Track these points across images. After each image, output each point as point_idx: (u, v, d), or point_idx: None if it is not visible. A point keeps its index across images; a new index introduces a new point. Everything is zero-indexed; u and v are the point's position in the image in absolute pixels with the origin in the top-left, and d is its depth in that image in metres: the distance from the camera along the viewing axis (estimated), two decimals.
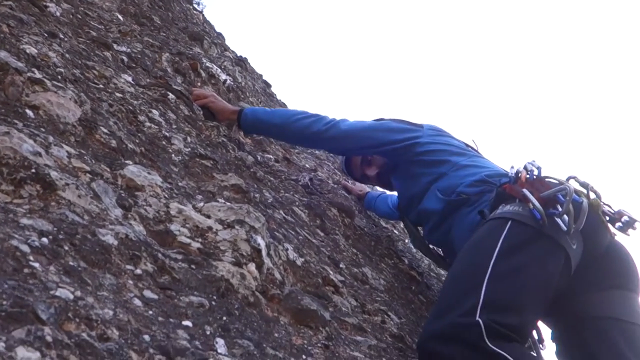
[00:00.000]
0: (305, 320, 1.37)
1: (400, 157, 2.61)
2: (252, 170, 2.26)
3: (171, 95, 2.19)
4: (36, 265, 0.83)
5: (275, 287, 1.41)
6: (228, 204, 1.50)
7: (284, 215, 2.00)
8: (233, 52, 5.22)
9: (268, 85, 5.75)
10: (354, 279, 2.02)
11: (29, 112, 1.26)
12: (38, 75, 1.38)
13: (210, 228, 1.35)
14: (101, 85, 1.77)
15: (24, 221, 0.91)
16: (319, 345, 1.32)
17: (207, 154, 1.90)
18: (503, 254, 1.76)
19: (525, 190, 1.89)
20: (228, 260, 1.28)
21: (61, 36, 1.91)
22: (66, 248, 0.93)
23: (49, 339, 0.70)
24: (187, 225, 1.32)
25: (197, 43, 4.05)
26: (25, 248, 0.85)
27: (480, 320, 1.56)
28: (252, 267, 1.33)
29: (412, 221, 2.78)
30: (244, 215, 1.44)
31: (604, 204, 1.96)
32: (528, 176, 1.97)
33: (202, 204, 1.46)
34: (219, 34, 5.77)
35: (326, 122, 2.48)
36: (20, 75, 1.31)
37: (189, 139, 1.93)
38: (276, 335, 1.23)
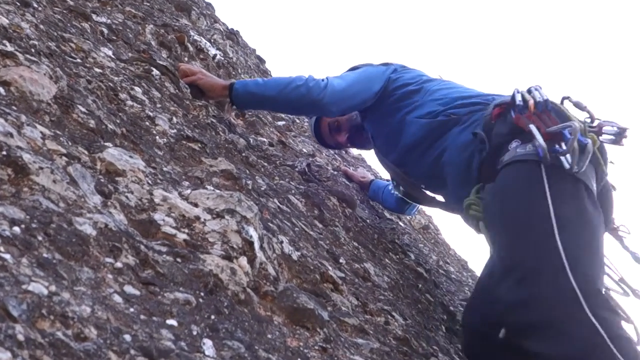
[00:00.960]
0: (301, 320, 1.38)
1: (376, 101, 2.80)
2: (244, 154, 2.25)
3: (155, 71, 2.18)
4: (7, 256, 0.83)
5: (268, 284, 1.41)
6: (217, 191, 1.50)
7: (278, 204, 2.00)
8: (224, 24, 5.19)
9: (262, 61, 5.73)
10: (355, 276, 2.02)
11: (0, 89, 1.25)
12: (10, 48, 1.37)
13: (197, 218, 1.35)
14: (79, 60, 1.76)
15: None
16: (316, 347, 1.33)
17: (195, 137, 1.90)
18: (559, 209, 1.87)
19: (532, 126, 2.01)
20: (217, 254, 1.28)
21: (35, 5, 1.89)
22: (40, 238, 0.92)
23: (20, 337, 0.70)
24: (173, 215, 1.32)
25: (184, 14, 4.03)
26: None
27: (578, 292, 1.69)
28: (243, 261, 1.33)
29: (393, 162, 2.91)
30: (235, 204, 1.44)
31: (592, 122, 2.10)
32: (536, 106, 2.09)
33: (189, 191, 1.46)
34: (209, 4, 5.74)
35: (323, 87, 2.59)
36: None
37: (174, 119, 1.92)
38: (269, 336, 1.23)
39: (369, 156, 5.26)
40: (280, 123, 3.85)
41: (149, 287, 1.06)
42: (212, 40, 3.87)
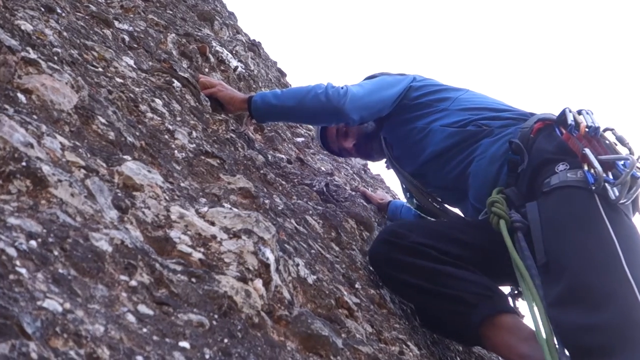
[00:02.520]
0: (315, 347, 1.38)
1: (398, 108, 2.82)
2: (262, 171, 2.27)
3: (176, 83, 2.21)
4: (23, 271, 0.84)
5: (283, 308, 1.42)
6: (235, 210, 1.51)
7: (295, 225, 2.00)
8: (246, 35, 5.24)
9: (283, 74, 5.78)
10: (371, 302, 2.02)
11: (21, 97, 1.27)
12: (33, 55, 1.40)
13: (214, 237, 1.36)
14: (100, 69, 1.79)
15: (12, 220, 0.93)
16: None
17: (214, 152, 1.92)
18: (619, 236, 1.93)
19: (587, 150, 2.04)
20: (232, 275, 1.29)
21: (59, 11, 1.93)
22: (56, 253, 0.94)
23: (34, 356, 0.71)
24: (189, 233, 1.33)
25: (207, 24, 4.08)
26: (11, 251, 0.86)
27: None
28: (258, 283, 1.33)
29: (411, 172, 2.93)
30: (253, 224, 1.44)
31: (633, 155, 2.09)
32: (587, 130, 2.11)
33: (206, 208, 1.47)
34: (231, 14, 5.80)
35: (343, 94, 2.61)
36: (14, 54, 1.34)
37: (194, 133, 1.94)
38: None
39: (389, 177, 5.27)
40: (299, 140, 3.87)
41: (163, 307, 1.07)
42: (234, 52, 3.91)
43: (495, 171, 2.38)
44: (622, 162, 2.00)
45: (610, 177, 2.00)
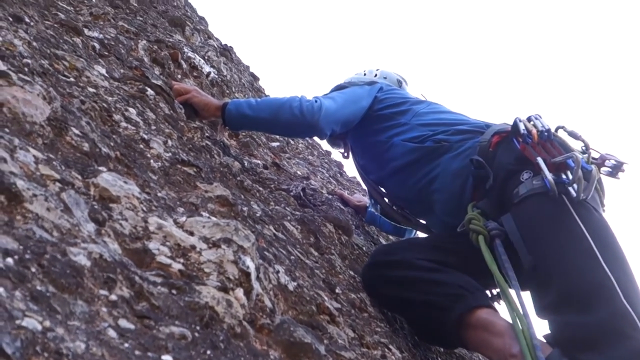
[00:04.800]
0: (298, 355, 1.37)
1: (362, 119, 2.91)
2: (238, 178, 2.26)
3: (150, 91, 2.19)
4: (0, 290, 0.83)
5: (265, 316, 1.41)
6: (213, 219, 1.50)
7: (274, 231, 2.00)
8: (217, 39, 5.23)
9: (256, 79, 5.77)
10: (352, 306, 2.02)
11: None
12: (2, 67, 1.38)
13: (193, 247, 1.35)
14: (72, 79, 1.77)
15: None
16: None
17: (190, 160, 1.90)
18: (592, 233, 2.00)
19: (539, 159, 2.13)
20: (213, 285, 1.28)
21: (27, 20, 1.91)
22: (33, 270, 0.92)
23: None
24: (168, 244, 1.32)
25: (178, 29, 4.06)
26: None
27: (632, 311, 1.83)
28: (239, 292, 1.33)
29: (375, 180, 3.05)
30: (232, 232, 1.44)
31: (587, 150, 2.23)
32: (539, 135, 2.22)
33: (184, 218, 1.46)
34: (202, 19, 5.78)
35: (317, 109, 2.67)
36: None
37: (169, 142, 1.93)
38: None
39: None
40: (275, 144, 3.86)
41: (144, 321, 1.06)
42: (206, 57, 3.89)
43: (460, 186, 2.46)
44: (570, 160, 2.07)
45: (569, 176, 2.08)
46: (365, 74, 3.44)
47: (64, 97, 1.58)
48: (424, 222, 2.95)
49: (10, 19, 1.78)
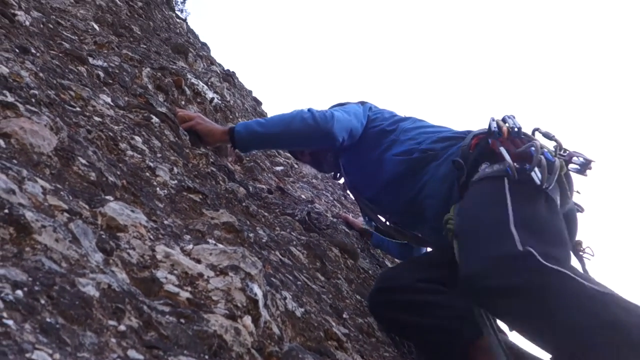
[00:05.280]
0: None
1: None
2: (244, 204, 2.26)
3: (155, 119, 2.20)
4: (10, 322, 0.83)
5: (273, 344, 1.40)
6: (220, 246, 1.50)
7: (280, 257, 2.00)
8: (220, 65, 5.27)
9: (258, 103, 5.81)
10: (359, 331, 2.01)
11: (0, 142, 1.26)
12: (10, 98, 1.39)
13: (201, 275, 1.35)
14: (78, 108, 1.78)
15: None
16: None
17: (196, 187, 1.91)
18: (516, 205, 2.05)
19: (502, 148, 2.24)
20: (221, 313, 1.27)
21: (33, 51, 1.93)
22: (43, 302, 0.92)
23: None
24: (175, 272, 1.32)
25: (181, 56, 4.09)
26: None
27: (530, 249, 1.82)
28: (247, 320, 1.32)
29: (368, 198, 3.10)
30: (239, 260, 1.44)
31: (560, 150, 2.31)
32: (510, 132, 2.33)
33: (191, 246, 1.46)
34: (204, 45, 5.83)
35: (329, 117, 2.76)
36: None
37: (175, 169, 1.93)
38: None
39: None
40: (278, 168, 3.87)
41: (153, 351, 1.05)
42: (210, 83, 3.92)
43: (447, 189, 2.53)
44: (532, 148, 2.15)
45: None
46: None
47: (70, 126, 1.59)
48: (419, 234, 2.97)
49: (17, 50, 1.80)
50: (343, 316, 2.00)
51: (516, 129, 2.33)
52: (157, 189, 1.72)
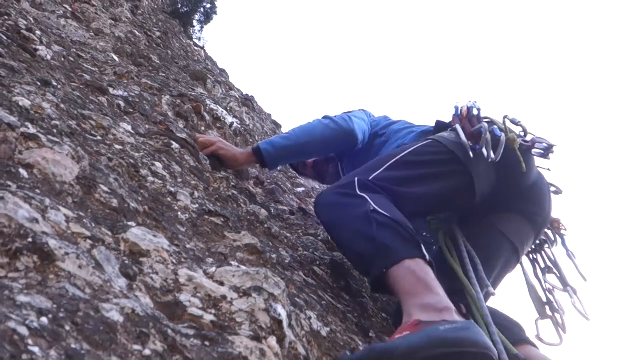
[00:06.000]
0: None
1: None
2: (266, 225, 2.27)
3: (175, 145, 2.22)
4: (36, 350, 0.83)
5: None
6: (243, 267, 1.50)
7: (304, 277, 1.99)
8: (239, 90, 5.31)
9: (278, 126, 5.83)
10: None
11: (23, 172, 1.28)
12: (32, 130, 1.41)
13: (224, 297, 1.35)
14: (99, 137, 1.81)
15: (21, 298, 0.92)
16: None
17: (217, 210, 1.92)
18: (409, 154, 2.40)
19: (457, 126, 2.50)
20: (245, 334, 1.27)
21: (54, 83, 1.96)
22: (67, 328, 0.93)
23: None
24: (199, 295, 1.32)
25: (199, 83, 4.14)
26: (23, 330, 0.85)
27: (356, 178, 2.20)
28: (272, 341, 1.32)
29: None
30: (262, 281, 1.44)
31: (525, 135, 2.52)
32: (468, 112, 2.58)
33: (213, 268, 1.47)
34: (222, 71, 5.89)
35: (348, 119, 2.99)
36: (14, 131, 1.35)
37: (196, 193, 1.95)
38: None
39: None
40: (300, 190, 3.88)
41: None
42: (229, 108, 3.95)
43: None
44: (482, 128, 2.36)
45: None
46: None
47: (92, 155, 1.61)
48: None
49: (39, 84, 1.84)
50: (369, 334, 1.98)
51: (474, 110, 2.56)
52: (179, 213, 1.73)
